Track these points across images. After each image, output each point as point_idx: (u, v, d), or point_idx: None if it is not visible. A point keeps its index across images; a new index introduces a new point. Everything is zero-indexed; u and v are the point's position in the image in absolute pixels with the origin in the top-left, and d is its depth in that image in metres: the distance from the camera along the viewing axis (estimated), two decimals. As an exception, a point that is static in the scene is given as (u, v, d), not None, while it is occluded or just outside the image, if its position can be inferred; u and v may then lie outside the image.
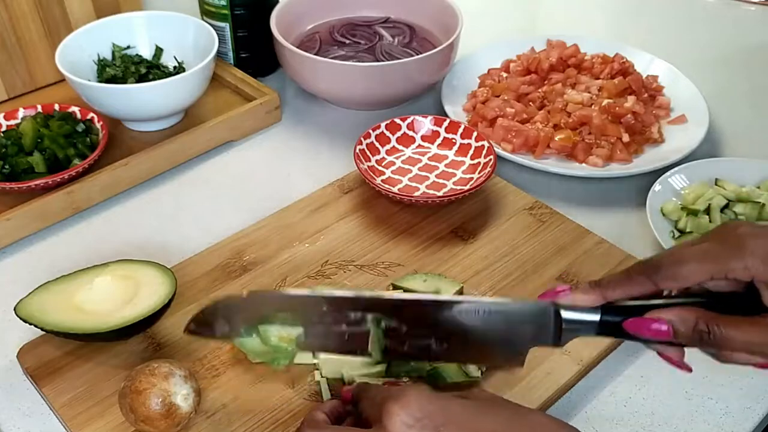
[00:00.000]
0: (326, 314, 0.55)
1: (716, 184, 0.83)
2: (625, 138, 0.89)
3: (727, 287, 0.51)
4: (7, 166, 0.82)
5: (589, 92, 0.95)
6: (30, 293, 0.67)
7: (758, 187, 0.83)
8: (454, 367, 0.64)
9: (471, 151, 0.87)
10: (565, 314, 0.52)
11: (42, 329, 0.65)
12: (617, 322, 0.51)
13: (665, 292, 0.52)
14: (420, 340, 0.55)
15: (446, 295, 0.63)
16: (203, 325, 0.58)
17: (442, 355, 0.56)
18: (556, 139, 0.89)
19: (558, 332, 0.53)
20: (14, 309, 0.66)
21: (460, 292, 0.72)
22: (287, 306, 0.57)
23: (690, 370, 0.53)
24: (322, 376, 0.65)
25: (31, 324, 0.65)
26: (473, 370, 0.64)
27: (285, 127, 0.98)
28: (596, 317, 0.52)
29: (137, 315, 0.64)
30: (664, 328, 0.50)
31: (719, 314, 0.49)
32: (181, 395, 0.59)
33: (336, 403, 0.57)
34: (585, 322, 0.52)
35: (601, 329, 0.52)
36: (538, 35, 1.07)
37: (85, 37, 0.94)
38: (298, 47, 0.96)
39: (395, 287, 0.72)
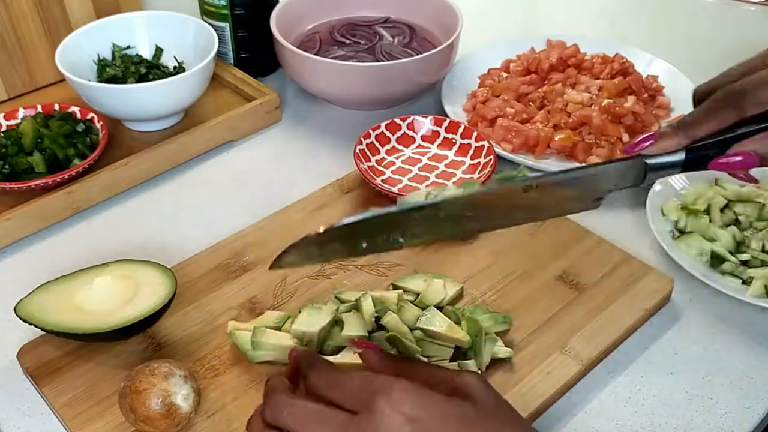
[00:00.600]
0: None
1: (716, 184, 0.83)
2: (625, 138, 0.89)
3: None
4: (7, 166, 0.82)
5: (589, 92, 0.95)
6: (30, 293, 0.67)
7: (758, 187, 0.83)
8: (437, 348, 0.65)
9: (471, 151, 0.87)
10: (651, 160, 0.52)
11: (42, 329, 0.65)
12: (702, 160, 0.51)
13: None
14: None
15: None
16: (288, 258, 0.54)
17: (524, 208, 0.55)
18: (556, 139, 0.89)
19: (643, 175, 0.53)
20: (14, 309, 0.66)
21: (461, 293, 0.72)
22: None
23: (757, 181, 0.55)
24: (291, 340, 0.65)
25: (31, 324, 0.65)
26: (471, 364, 0.64)
27: (285, 127, 0.98)
28: (681, 157, 0.52)
29: (137, 315, 0.64)
30: (752, 159, 0.51)
31: None
32: (181, 395, 0.59)
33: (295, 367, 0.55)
34: (670, 164, 0.52)
35: (686, 167, 0.52)
36: (538, 35, 1.07)
37: (85, 37, 0.94)
38: (298, 47, 0.96)
39: (395, 287, 0.72)
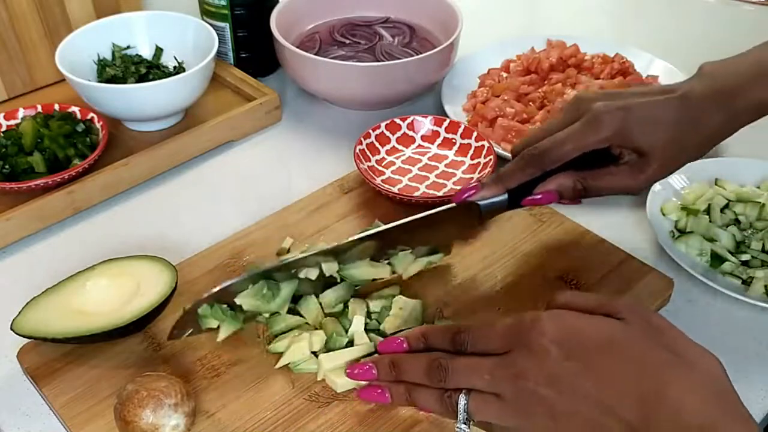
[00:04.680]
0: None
1: (716, 184, 0.83)
2: (625, 138, 0.89)
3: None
4: (7, 166, 0.82)
5: (589, 92, 0.95)
6: (21, 310, 0.66)
7: (758, 187, 0.83)
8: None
9: (471, 151, 0.87)
10: (482, 202, 0.68)
11: (50, 340, 0.65)
12: (519, 198, 0.68)
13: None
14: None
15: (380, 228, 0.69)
16: (185, 325, 0.65)
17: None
18: (556, 139, 0.89)
19: (479, 215, 0.68)
20: (11, 328, 0.65)
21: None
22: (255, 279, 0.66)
23: (579, 202, 0.70)
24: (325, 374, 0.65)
25: (35, 338, 0.65)
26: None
27: (285, 127, 0.98)
28: (504, 197, 0.68)
29: (148, 305, 0.65)
30: (552, 196, 0.67)
31: (587, 172, 0.67)
32: (170, 426, 0.59)
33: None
34: (498, 203, 0.68)
35: (509, 205, 0.68)
36: (538, 35, 1.07)
37: (85, 37, 0.94)
38: (298, 47, 0.96)
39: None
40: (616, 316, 0.52)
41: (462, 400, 0.52)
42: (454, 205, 0.68)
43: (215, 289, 0.64)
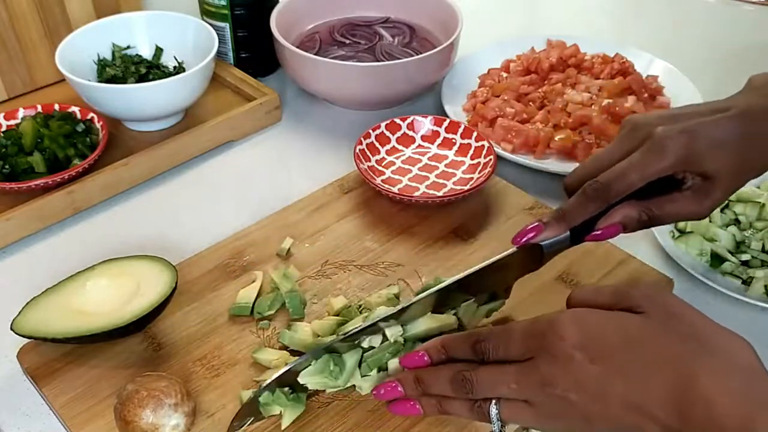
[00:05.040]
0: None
1: (716, 184, 0.83)
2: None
3: None
4: (7, 166, 0.82)
5: (589, 92, 0.95)
6: (21, 310, 0.66)
7: (758, 187, 0.83)
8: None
9: (471, 151, 0.87)
10: (544, 243, 0.63)
11: (51, 340, 0.65)
12: (580, 235, 0.63)
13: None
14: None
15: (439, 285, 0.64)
16: (245, 415, 0.60)
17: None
18: (556, 139, 0.89)
19: (540, 258, 0.64)
20: (12, 328, 0.65)
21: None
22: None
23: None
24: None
25: (36, 338, 0.65)
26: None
27: (285, 127, 0.98)
28: (567, 235, 0.63)
29: (150, 303, 0.65)
30: (617, 229, 0.63)
31: (651, 201, 0.62)
32: (170, 426, 0.59)
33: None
34: (559, 242, 0.63)
35: (572, 242, 0.63)
36: (538, 35, 1.07)
37: (85, 37, 0.94)
38: (298, 47, 0.96)
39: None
40: (636, 310, 0.51)
41: (493, 410, 0.53)
42: (515, 249, 0.63)
43: (277, 375, 0.59)
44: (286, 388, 0.60)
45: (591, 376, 0.49)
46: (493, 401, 0.53)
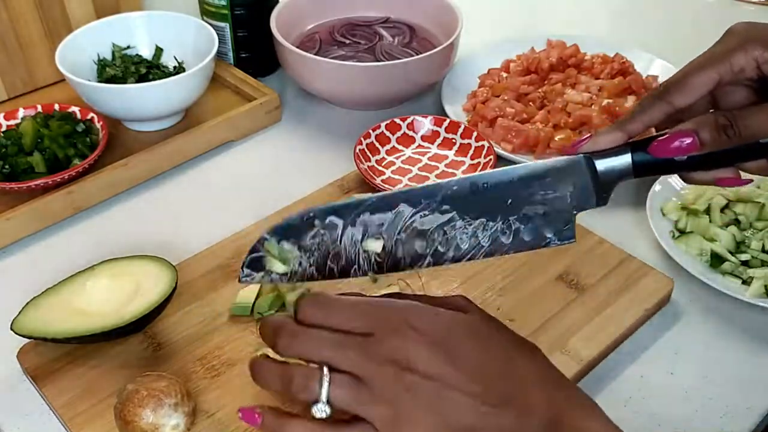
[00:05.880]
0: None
1: (716, 184, 0.83)
2: (625, 138, 0.89)
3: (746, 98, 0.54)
4: (7, 166, 0.82)
5: (589, 92, 0.95)
6: (21, 310, 0.66)
7: (758, 187, 0.83)
8: None
9: (471, 151, 0.87)
10: (599, 165, 0.52)
11: (51, 340, 0.65)
12: (647, 154, 0.52)
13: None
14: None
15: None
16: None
17: (489, 247, 0.55)
18: (556, 139, 0.89)
19: (597, 187, 0.53)
20: (11, 328, 0.65)
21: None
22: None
23: (751, 180, 0.55)
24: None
25: (35, 338, 0.65)
26: None
27: (285, 127, 0.98)
28: (628, 157, 0.52)
29: (150, 303, 0.65)
30: (689, 139, 0.50)
31: (735, 110, 0.51)
32: (170, 426, 0.59)
33: None
34: (619, 167, 0.52)
35: (637, 169, 0.52)
36: (538, 35, 1.07)
37: (85, 37, 0.94)
38: (298, 47, 0.96)
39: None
40: (462, 311, 0.51)
41: (325, 386, 0.48)
42: (563, 158, 0.54)
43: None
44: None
45: (433, 360, 0.47)
46: (325, 377, 0.48)
